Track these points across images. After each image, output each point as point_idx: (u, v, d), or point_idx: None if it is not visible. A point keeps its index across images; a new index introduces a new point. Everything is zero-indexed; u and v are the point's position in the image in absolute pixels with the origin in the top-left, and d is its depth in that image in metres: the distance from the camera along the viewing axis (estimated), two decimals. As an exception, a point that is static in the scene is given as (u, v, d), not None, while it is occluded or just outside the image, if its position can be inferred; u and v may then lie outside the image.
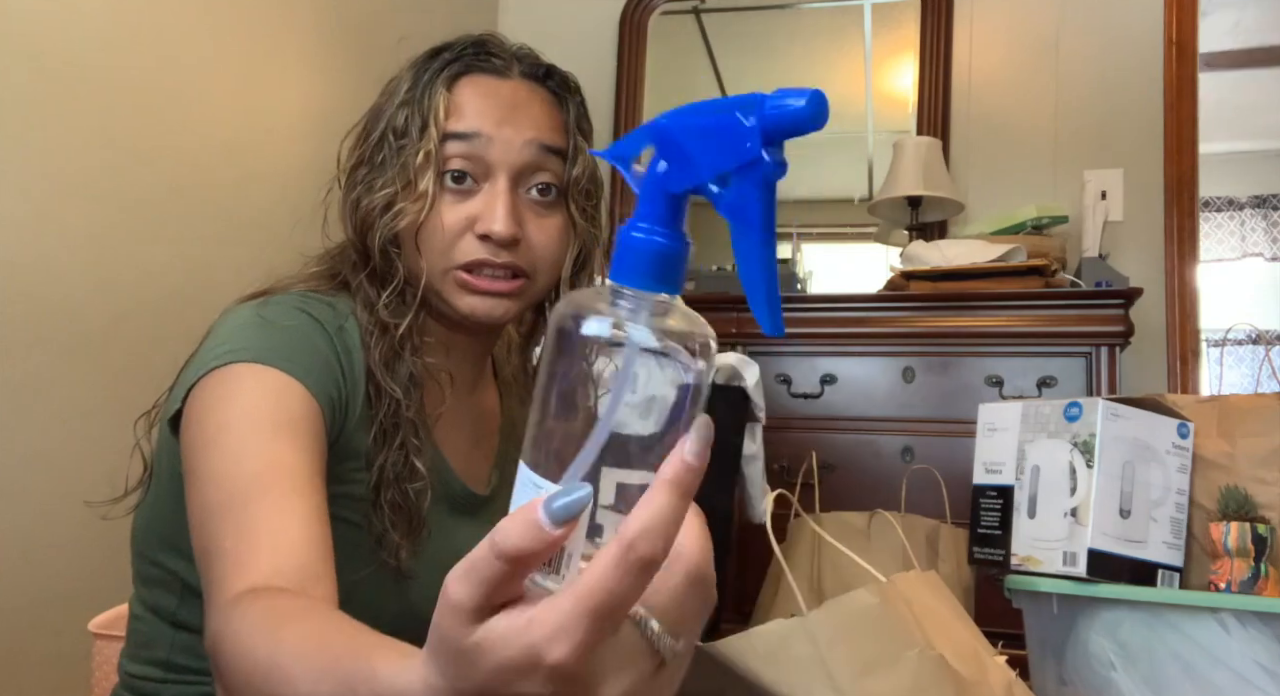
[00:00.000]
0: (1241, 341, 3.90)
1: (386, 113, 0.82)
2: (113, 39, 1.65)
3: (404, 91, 0.81)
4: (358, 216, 0.81)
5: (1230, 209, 4.52)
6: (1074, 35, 2.63)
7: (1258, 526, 1.14)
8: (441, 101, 0.79)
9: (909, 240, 2.50)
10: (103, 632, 1.21)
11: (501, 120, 0.80)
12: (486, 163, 0.80)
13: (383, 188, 0.79)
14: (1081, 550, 1.16)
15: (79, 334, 1.58)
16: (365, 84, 0.81)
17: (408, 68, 0.84)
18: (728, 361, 1.67)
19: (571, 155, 0.83)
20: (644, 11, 2.95)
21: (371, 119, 0.84)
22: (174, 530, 0.78)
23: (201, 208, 1.82)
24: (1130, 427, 1.20)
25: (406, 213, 0.79)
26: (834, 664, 0.67)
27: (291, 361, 0.73)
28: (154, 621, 0.84)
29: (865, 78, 2.87)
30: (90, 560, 1.55)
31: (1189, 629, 1.10)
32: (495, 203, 0.79)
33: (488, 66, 0.83)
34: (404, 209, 0.79)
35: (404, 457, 0.79)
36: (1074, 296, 2.12)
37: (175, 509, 0.77)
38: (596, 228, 0.86)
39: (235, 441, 0.67)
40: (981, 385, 2.13)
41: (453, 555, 0.38)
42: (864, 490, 2.09)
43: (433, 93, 0.80)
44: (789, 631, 0.68)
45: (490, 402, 0.96)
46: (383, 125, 0.81)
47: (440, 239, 0.80)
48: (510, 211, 0.79)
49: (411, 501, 0.79)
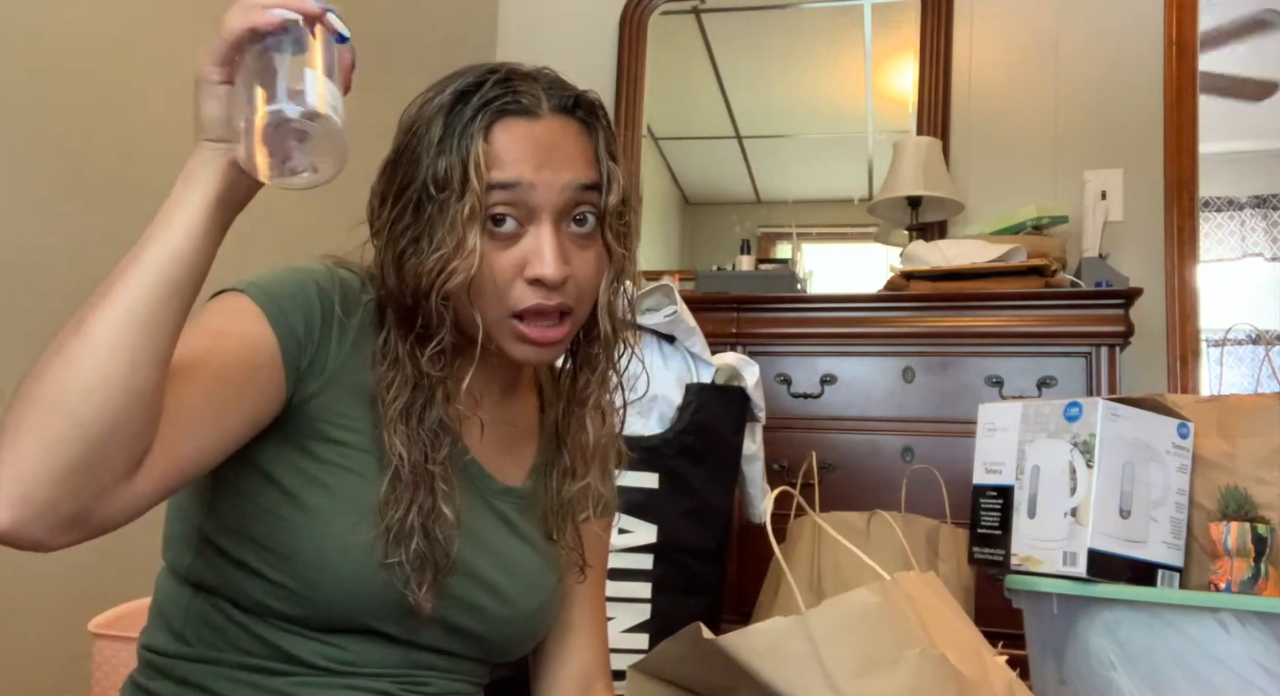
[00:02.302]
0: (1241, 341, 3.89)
1: (423, 163, 0.80)
2: (112, 39, 1.65)
3: (438, 140, 0.80)
4: (404, 274, 0.81)
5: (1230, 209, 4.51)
6: (1074, 35, 2.63)
7: (1258, 526, 1.14)
8: (480, 151, 0.79)
9: (909, 240, 2.50)
10: (103, 632, 1.21)
11: (540, 165, 0.81)
12: (529, 207, 0.81)
13: (433, 248, 0.79)
14: (1081, 550, 1.16)
15: (79, 334, 1.58)
16: (364, 85, 0.81)
17: (436, 112, 0.82)
18: (728, 361, 1.67)
19: (605, 184, 0.84)
20: (644, 11, 2.95)
21: (406, 166, 0.82)
22: (194, 483, 0.79)
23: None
24: (1130, 427, 1.20)
25: (458, 271, 0.79)
26: (831, 662, 0.67)
27: (270, 295, 0.78)
28: (172, 585, 0.86)
29: (865, 78, 2.87)
30: (90, 560, 1.55)
31: (1189, 629, 1.10)
32: (543, 246, 0.80)
33: (518, 108, 0.82)
34: (456, 268, 0.79)
35: (432, 503, 0.80)
36: (1074, 296, 2.12)
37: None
38: (628, 246, 0.87)
39: (194, 328, 0.73)
40: (981, 385, 2.13)
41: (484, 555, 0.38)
42: (864, 490, 2.09)
43: (470, 143, 0.79)
44: (786, 629, 0.68)
45: (527, 409, 0.97)
46: (421, 176, 0.80)
47: (492, 288, 0.81)
48: (557, 254, 0.80)
49: (439, 547, 0.80)
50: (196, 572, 0.83)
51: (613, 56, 2.92)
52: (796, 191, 2.96)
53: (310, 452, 0.80)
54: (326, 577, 0.78)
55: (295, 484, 0.79)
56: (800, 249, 2.74)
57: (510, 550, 0.90)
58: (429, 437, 0.80)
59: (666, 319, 1.60)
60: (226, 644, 0.81)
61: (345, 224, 0.90)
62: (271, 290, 0.79)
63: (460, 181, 0.78)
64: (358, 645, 0.82)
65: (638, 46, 2.94)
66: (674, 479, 1.53)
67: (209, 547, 0.81)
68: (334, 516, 0.79)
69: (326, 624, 0.81)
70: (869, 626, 0.69)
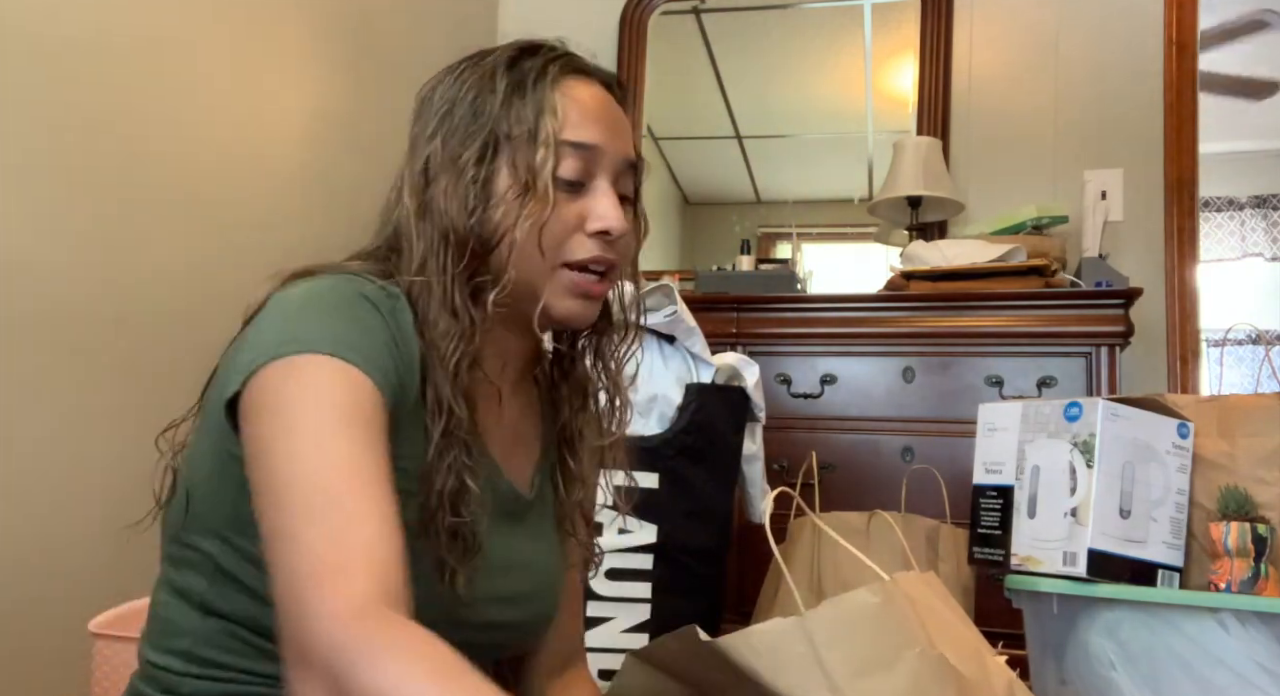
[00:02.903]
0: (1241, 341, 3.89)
1: (489, 113, 0.83)
2: (112, 39, 1.65)
3: (507, 91, 0.83)
4: (474, 224, 0.82)
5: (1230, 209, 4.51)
6: (1074, 35, 2.63)
7: (1258, 526, 1.14)
8: (557, 103, 0.83)
9: (909, 240, 2.50)
10: (103, 632, 1.21)
11: (608, 132, 0.85)
12: (593, 170, 0.85)
13: (507, 195, 0.81)
14: (1081, 550, 1.16)
15: (79, 334, 1.58)
16: (365, 84, 0.81)
17: (495, 68, 0.84)
18: (728, 361, 1.67)
19: (639, 164, 0.90)
20: (644, 11, 2.95)
21: (467, 119, 0.84)
22: (211, 513, 0.78)
23: (201, 207, 1.82)
24: (1130, 427, 1.20)
25: (530, 216, 0.81)
26: (830, 663, 0.67)
27: (358, 351, 0.73)
28: (181, 607, 0.83)
29: (865, 78, 2.87)
30: (90, 560, 1.55)
31: (1189, 629, 1.10)
32: (605, 201, 0.84)
33: (585, 67, 0.87)
34: (529, 212, 0.81)
35: (460, 480, 0.79)
36: (1074, 296, 2.12)
37: (216, 491, 0.77)
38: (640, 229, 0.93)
39: (311, 438, 0.68)
40: (981, 385, 2.13)
41: (499, 559, 0.39)
42: (864, 490, 2.09)
43: (544, 95, 0.83)
44: (785, 630, 0.68)
45: (531, 403, 0.97)
46: (489, 126, 0.82)
47: (554, 238, 0.83)
48: (619, 209, 0.84)
49: (468, 525, 0.79)
50: (210, 600, 0.80)
51: (613, 56, 2.92)
52: (796, 191, 2.96)
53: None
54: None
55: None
56: (800, 249, 2.74)
57: (525, 552, 0.90)
58: (465, 404, 0.80)
59: (666, 319, 1.60)
60: (241, 664, 0.79)
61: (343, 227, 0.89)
62: (360, 347, 0.74)
63: (534, 130, 0.82)
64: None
65: (638, 46, 2.94)
66: (674, 479, 1.53)
67: (226, 578, 0.79)
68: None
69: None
70: (868, 627, 0.69)
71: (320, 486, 0.66)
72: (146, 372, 1.67)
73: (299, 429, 0.68)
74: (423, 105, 0.87)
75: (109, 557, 1.57)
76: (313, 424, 0.68)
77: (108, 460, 1.59)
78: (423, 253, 0.82)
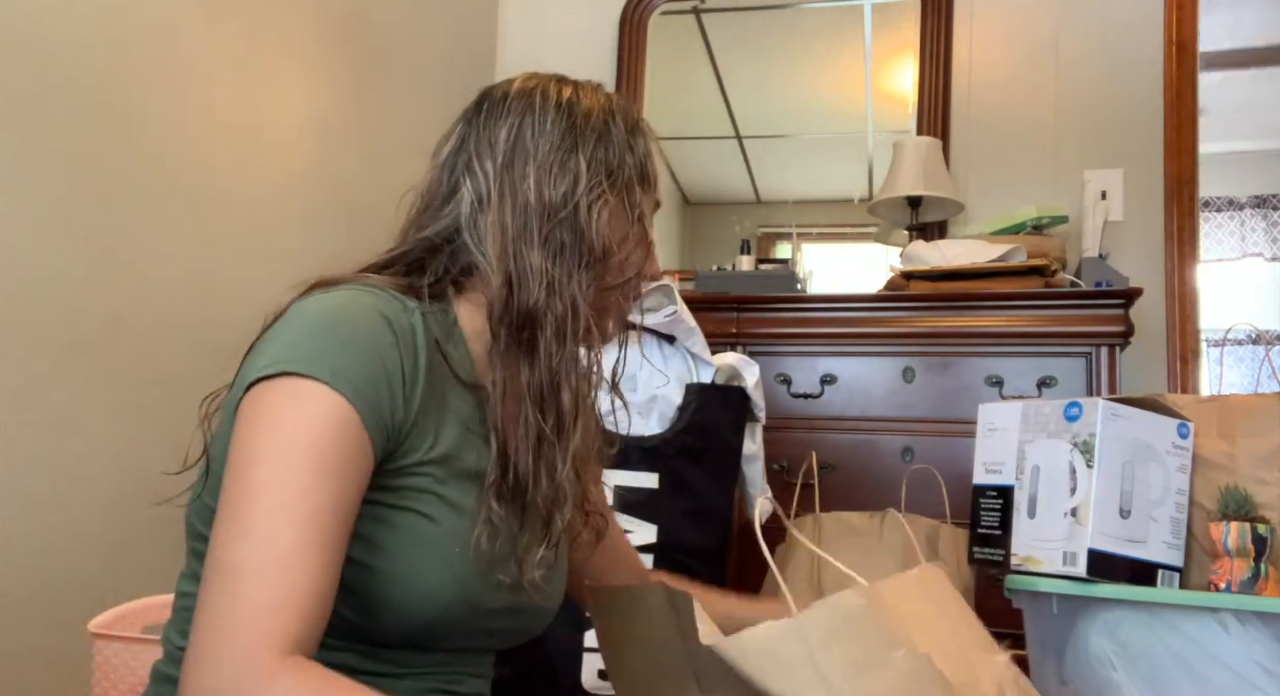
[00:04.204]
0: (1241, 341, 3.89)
1: (613, 150, 0.89)
2: (112, 39, 1.65)
3: (623, 138, 0.91)
4: (576, 240, 0.86)
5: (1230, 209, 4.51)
6: (1074, 35, 2.63)
7: (1258, 526, 1.14)
8: (651, 154, 0.93)
9: (909, 240, 2.50)
10: (103, 632, 1.21)
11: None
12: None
13: (627, 233, 0.90)
14: (1081, 550, 1.16)
15: (79, 334, 1.58)
16: (365, 85, 0.81)
17: (603, 109, 0.93)
18: (728, 361, 1.67)
19: None
20: (644, 11, 2.95)
21: (599, 149, 0.89)
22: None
23: (202, 208, 1.82)
24: (1130, 427, 1.20)
25: (635, 258, 0.91)
26: (825, 664, 0.67)
27: (352, 383, 0.74)
28: None
29: (865, 78, 2.87)
30: (90, 560, 1.55)
31: (1189, 629, 1.10)
32: (655, 252, 0.95)
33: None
34: (635, 253, 0.91)
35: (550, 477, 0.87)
36: (1074, 296, 2.12)
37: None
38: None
39: (278, 474, 0.69)
40: (981, 385, 2.13)
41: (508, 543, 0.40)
42: (864, 490, 2.09)
43: (647, 155, 0.93)
44: (780, 632, 0.68)
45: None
46: (624, 164, 0.90)
47: (624, 272, 0.92)
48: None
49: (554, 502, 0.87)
50: None
51: (613, 56, 2.92)
52: (796, 191, 2.96)
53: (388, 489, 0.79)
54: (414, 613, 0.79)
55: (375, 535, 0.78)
56: (800, 249, 2.74)
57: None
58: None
59: (666, 319, 1.60)
60: None
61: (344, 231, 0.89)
62: (357, 382, 0.74)
63: (646, 181, 0.92)
64: (407, 656, 0.83)
65: (638, 46, 2.94)
66: (674, 479, 1.53)
67: None
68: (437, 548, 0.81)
69: (386, 643, 0.81)
70: (857, 628, 0.69)
71: (271, 526, 0.67)
72: (146, 372, 1.67)
73: (272, 458, 0.70)
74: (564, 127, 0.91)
75: (109, 557, 1.57)
76: (281, 452, 0.70)
77: (107, 460, 1.59)
78: (551, 275, 0.84)
